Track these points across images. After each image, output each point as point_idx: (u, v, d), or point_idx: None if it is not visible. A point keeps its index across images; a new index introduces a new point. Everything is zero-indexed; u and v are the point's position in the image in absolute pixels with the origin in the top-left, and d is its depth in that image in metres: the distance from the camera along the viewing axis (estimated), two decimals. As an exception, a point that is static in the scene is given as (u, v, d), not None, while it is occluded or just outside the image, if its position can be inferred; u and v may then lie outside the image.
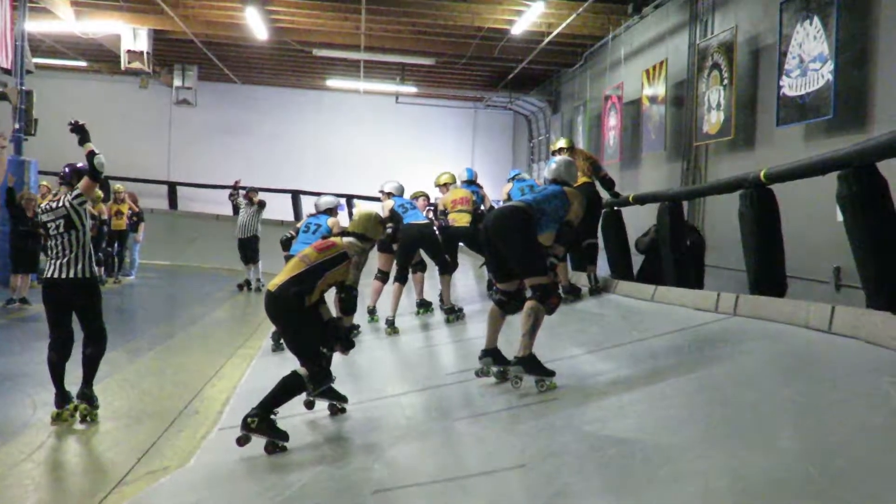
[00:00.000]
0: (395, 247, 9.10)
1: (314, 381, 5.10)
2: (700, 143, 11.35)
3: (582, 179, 8.08)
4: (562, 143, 8.90)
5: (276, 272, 5.47)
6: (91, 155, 6.15)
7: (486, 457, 4.06)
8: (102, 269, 14.45)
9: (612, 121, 15.07)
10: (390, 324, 8.68)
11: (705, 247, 9.84)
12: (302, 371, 5.09)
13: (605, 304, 7.89)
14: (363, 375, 7.02)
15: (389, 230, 8.50)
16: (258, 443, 4.73)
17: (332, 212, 9.12)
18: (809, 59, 8.33)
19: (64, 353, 5.97)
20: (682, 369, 4.99)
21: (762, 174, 5.96)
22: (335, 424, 5.33)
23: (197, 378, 7.35)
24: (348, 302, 5.44)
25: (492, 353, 5.66)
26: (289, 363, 7.77)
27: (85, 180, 6.11)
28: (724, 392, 4.14)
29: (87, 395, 5.93)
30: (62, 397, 5.85)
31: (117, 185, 16.43)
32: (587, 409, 4.51)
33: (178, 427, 5.77)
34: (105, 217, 14.65)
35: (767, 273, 6.13)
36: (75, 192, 6.10)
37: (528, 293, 5.47)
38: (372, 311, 9.35)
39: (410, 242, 9.03)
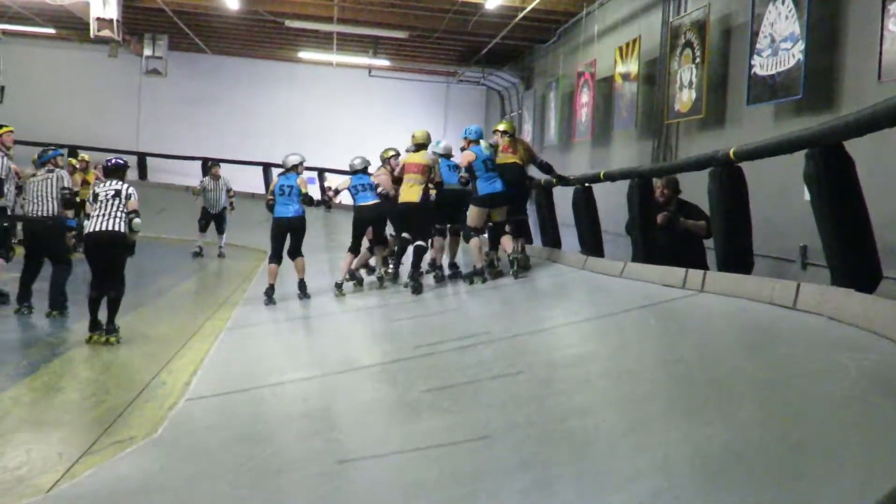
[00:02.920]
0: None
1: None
2: (671, 121, 11.39)
3: (512, 159, 9.19)
4: (503, 126, 9.53)
5: (240, 243, 5.48)
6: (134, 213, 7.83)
7: (450, 428, 4.09)
8: (74, 240, 14.27)
9: (585, 98, 15.08)
10: (338, 287, 9.73)
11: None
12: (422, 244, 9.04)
13: (574, 280, 7.94)
14: (330, 347, 7.04)
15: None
16: (224, 414, 4.72)
17: (297, 168, 9.89)
18: (781, 38, 8.37)
19: (100, 293, 7.63)
20: (648, 344, 5.05)
21: (731, 152, 5.99)
22: (302, 396, 5.34)
23: (164, 349, 7.31)
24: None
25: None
26: (255, 339, 7.78)
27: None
28: (688, 367, 4.19)
29: (113, 329, 7.58)
30: (94, 325, 7.55)
31: (83, 155, 16.25)
32: (553, 383, 4.55)
33: (145, 398, 5.74)
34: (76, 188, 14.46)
35: (735, 251, 6.18)
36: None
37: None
38: (339, 286, 9.72)
39: (359, 223, 9.94)
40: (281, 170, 10.09)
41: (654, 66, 12.23)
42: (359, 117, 24.21)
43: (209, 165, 16.48)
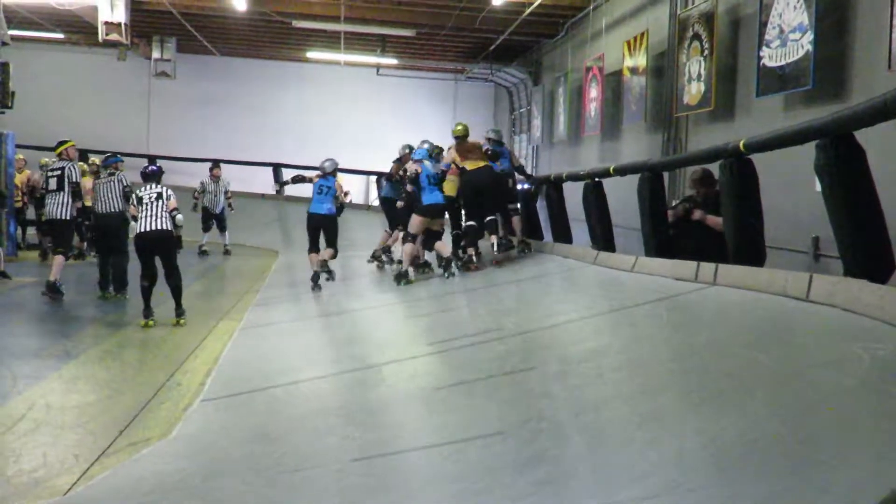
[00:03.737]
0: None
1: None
2: (681, 114, 11.36)
3: (482, 163, 10.26)
4: (459, 129, 10.67)
5: (250, 243, 5.51)
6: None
7: (465, 424, 4.09)
8: (85, 243, 14.37)
9: (593, 92, 15.05)
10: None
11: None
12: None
13: (585, 275, 7.94)
14: (343, 345, 7.06)
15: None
16: (239, 413, 4.75)
17: (335, 173, 10.98)
18: (789, 29, 8.34)
19: (151, 283, 8.74)
20: (661, 337, 5.04)
21: (741, 144, 5.98)
22: (316, 394, 5.35)
23: (179, 350, 7.35)
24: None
25: None
26: (268, 339, 7.81)
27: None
28: (701, 359, 4.18)
29: (181, 312, 8.74)
30: (148, 312, 8.57)
31: (93, 158, 16.31)
32: (565, 377, 4.55)
33: (161, 399, 5.77)
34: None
35: (747, 243, 6.16)
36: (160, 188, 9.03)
37: None
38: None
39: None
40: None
41: (663, 59, 12.20)
42: (368, 116, 24.22)
43: (210, 167, 16.79)
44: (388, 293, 9.52)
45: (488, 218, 10.12)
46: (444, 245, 10.18)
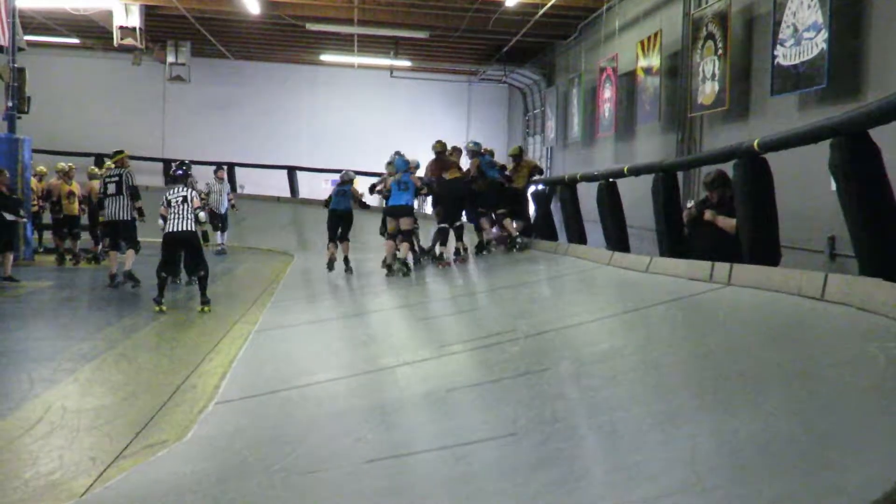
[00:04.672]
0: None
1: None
2: (695, 114, 11.34)
3: (455, 175, 11.99)
4: (436, 145, 12.29)
5: (264, 246, 5.52)
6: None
7: (478, 425, 4.09)
8: (100, 246, 14.47)
9: (607, 93, 15.03)
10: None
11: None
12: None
13: (600, 276, 7.92)
14: (357, 347, 7.06)
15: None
16: (254, 415, 4.76)
17: (352, 181, 13.04)
18: (803, 28, 8.31)
19: (168, 275, 10.00)
20: (675, 338, 5.02)
21: (755, 143, 5.96)
22: (330, 397, 5.36)
23: (194, 353, 7.37)
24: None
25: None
26: (283, 341, 7.83)
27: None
28: (716, 360, 4.17)
29: (207, 300, 9.78)
30: (160, 298, 9.63)
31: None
32: (579, 379, 4.54)
33: (176, 401, 5.79)
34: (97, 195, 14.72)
35: (761, 243, 6.14)
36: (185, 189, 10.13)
37: None
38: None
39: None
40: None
41: (677, 59, 12.18)
42: (382, 118, 24.28)
43: (215, 169, 17.05)
44: (402, 296, 9.53)
45: (457, 224, 11.95)
46: (405, 245, 11.54)
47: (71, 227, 14.58)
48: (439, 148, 12.28)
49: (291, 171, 21.43)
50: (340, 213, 12.73)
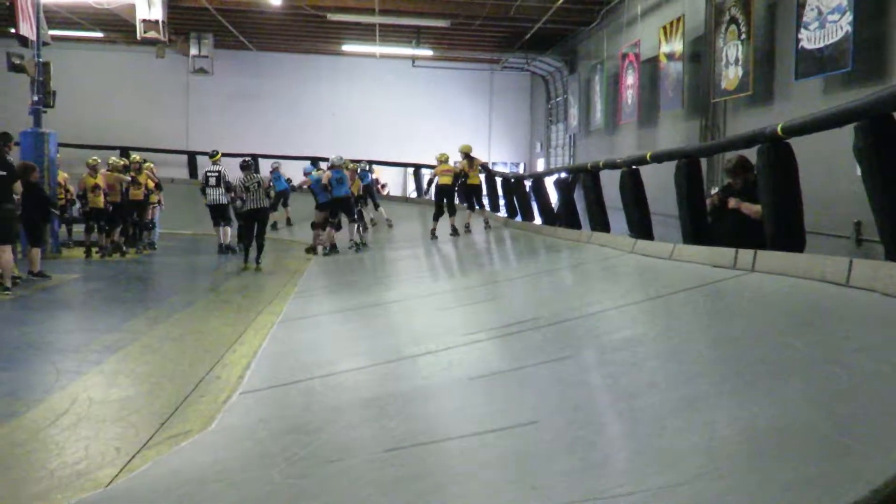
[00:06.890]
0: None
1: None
2: (718, 99, 11.25)
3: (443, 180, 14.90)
4: (440, 156, 15.23)
5: (278, 237, 5.52)
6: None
7: (500, 413, 4.09)
8: (124, 238, 14.60)
9: (630, 79, 14.94)
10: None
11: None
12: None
13: (623, 263, 7.88)
14: (379, 336, 7.08)
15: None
16: (277, 405, 4.79)
17: (343, 165, 15.05)
18: (828, 10, 8.21)
19: (250, 243, 13.60)
20: (697, 325, 4.99)
21: (779, 128, 5.89)
22: (352, 386, 5.38)
23: (218, 344, 7.43)
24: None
25: None
26: (306, 331, 7.87)
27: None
28: (737, 346, 4.14)
29: (259, 260, 13.44)
30: (247, 258, 13.56)
31: (134, 156, 16.54)
32: (600, 366, 4.53)
33: (200, 392, 5.84)
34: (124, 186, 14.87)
35: (786, 229, 6.07)
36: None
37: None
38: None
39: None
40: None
41: (699, 44, 12.08)
42: (404, 108, 24.29)
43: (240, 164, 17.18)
44: (424, 285, 9.54)
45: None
46: (332, 232, 14.82)
47: (97, 219, 14.70)
48: (443, 157, 15.14)
49: (314, 161, 21.48)
50: (342, 198, 14.62)
